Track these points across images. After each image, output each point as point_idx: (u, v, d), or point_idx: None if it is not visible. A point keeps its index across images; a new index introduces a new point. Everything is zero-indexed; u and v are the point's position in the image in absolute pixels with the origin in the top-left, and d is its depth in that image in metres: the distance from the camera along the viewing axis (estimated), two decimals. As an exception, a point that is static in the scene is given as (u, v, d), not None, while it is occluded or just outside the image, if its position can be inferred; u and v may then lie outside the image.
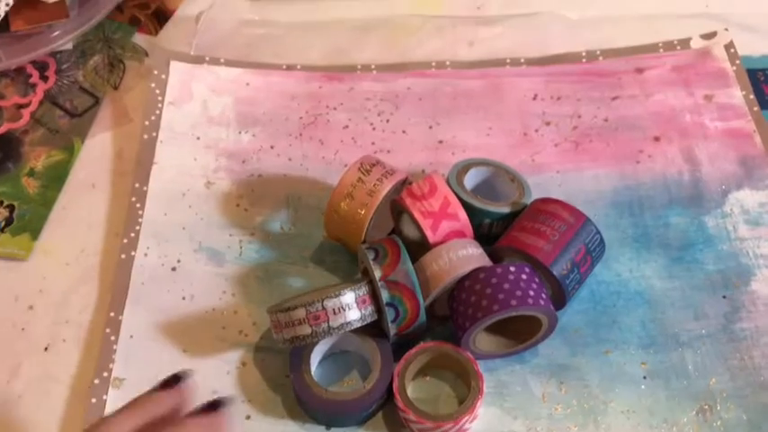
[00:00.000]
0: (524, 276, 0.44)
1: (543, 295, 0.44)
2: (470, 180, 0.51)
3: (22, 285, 0.51)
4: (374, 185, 0.48)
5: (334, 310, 0.43)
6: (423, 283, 0.45)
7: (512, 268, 0.44)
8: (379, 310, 0.44)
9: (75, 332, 0.49)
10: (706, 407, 0.45)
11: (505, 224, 0.49)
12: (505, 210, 0.48)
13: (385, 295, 0.44)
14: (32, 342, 0.49)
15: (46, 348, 0.48)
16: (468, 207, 0.47)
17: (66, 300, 0.50)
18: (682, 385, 0.45)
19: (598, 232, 0.47)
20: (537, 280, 0.44)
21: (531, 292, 0.43)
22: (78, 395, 0.46)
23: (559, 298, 0.46)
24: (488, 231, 0.49)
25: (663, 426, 0.44)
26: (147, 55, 0.62)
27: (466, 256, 0.45)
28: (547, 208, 0.47)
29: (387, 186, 0.48)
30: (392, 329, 0.44)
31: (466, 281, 0.44)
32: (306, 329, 0.43)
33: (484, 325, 0.43)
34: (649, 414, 0.45)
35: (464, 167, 0.50)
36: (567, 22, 0.63)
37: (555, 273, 0.45)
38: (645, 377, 0.46)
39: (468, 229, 0.47)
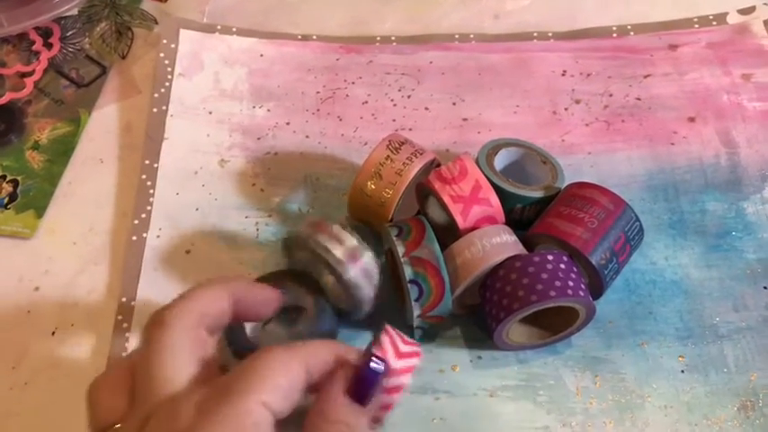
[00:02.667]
0: (563, 266, 0.42)
1: (582, 285, 0.42)
2: (500, 161, 0.48)
3: (27, 265, 0.49)
4: (403, 164, 0.45)
5: (331, 233, 0.42)
6: (453, 272, 0.43)
7: (549, 257, 0.42)
8: (400, 288, 0.42)
9: (84, 316, 0.46)
10: (748, 403, 0.43)
11: (538, 209, 0.46)
12: (539, 194, 0.46)
13: (408, 272, 0.41)
14: (39, 326, 0.46)
15: (53, 333, 0.46)
16: (499, 191, 0.45)
17: (73, 281, 0.48)
18: (722, 380, 0.44)
19: (638, 220, 0.44)
20: (575, 269, 0.42)
21: (571, 282, 0.41)
22: (87, 382, 0.43)
23: (596, 288, 0.44)
24: (520, 216, 0.47)
25: (703, 422, 0.42)
26: (156, 23, 0.59)
27: (500, 243, 0.43)
28: (584, 193, 0.45)
29: (416, 166, 0.45)
30: (416, 309, 0.42)
31: (500, 270, 0.42)
32: (304, 230, 0.42)
33: (520, 316, 0.41)
34: (688, 410, 0.43)
35: (494, 148, 0.48)
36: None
37: (593, 262, 0.42)
38: (683, 371, 0.44)
39: (500, 215, 0.45)
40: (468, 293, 0.44)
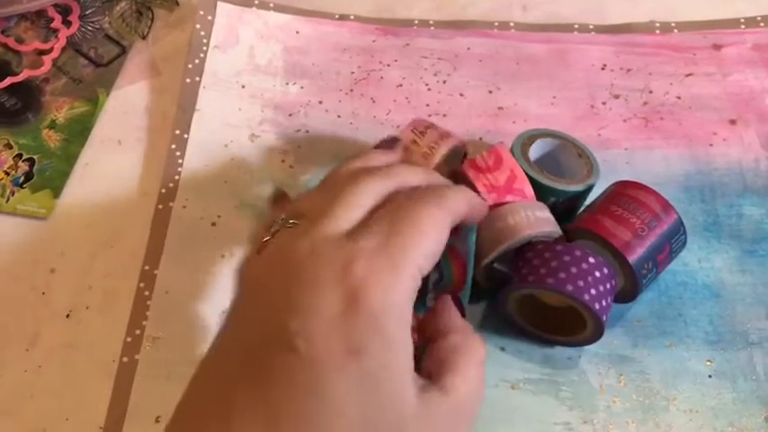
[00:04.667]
0: (597, 274, 0.40)
1: (604, 302, 0.40)
2: (535, 152, 0.47)
3: (43, 246, 0.48)
4: (429, 148, 0.44)
5: None
6: (490, 236, 0.42)
7: (591, 259, 0.40)
8: None
9: (99, 299, 0.46)
10: (776, 413, 0.42)
11: (570, 204, 0.45)
12: (574, 189, 0.45)
13: None
14: (53, 308, 0.45)
15: (68, 315, 0.45)
16: (533, 183, 0.44)
17: (89, 264, 0.47)
18: (749, 387, 0.43)
19: (684, 232, 0.43)
20: (608, 286, 0.41)
21: (593, 291, 0.40)
22: (102, 365, 0.43)
23: (630, 293, 0.43)
24: (551, 209, 0.46)
25: (728, 429, 0.41)
26: (177, 4, 0.58)
27: (543, 218, 0.42)
28: (637, 195, 0.43)
29: (443, 149, 0.44)
30: (431, 293, 0.40)
31: (539, 244, 0.41)
32: None
33: (528, 291, 0.41)
34: (714, 416, 0.42)
35: (530, 138, 0.47)
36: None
37: (635, 271, 0.41)
38: (710, 375, 0.43)
39: None
40: (500, 261, 0.43)
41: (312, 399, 0.29)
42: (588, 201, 0.46)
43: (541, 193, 0.44)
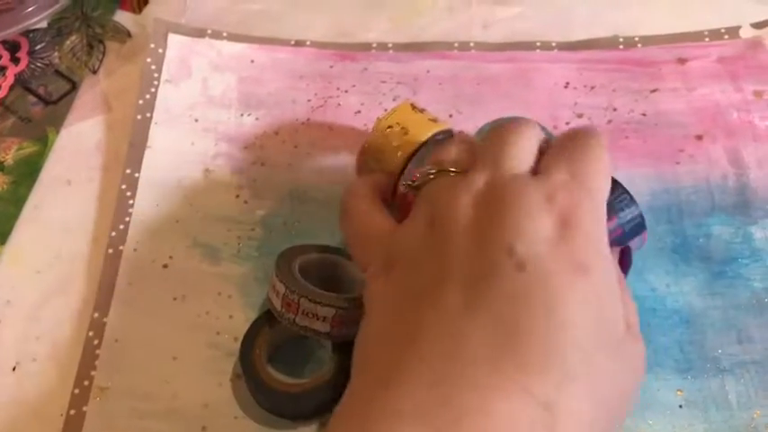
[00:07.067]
0: None
1: None
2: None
3: None
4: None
5: (305, 311, 0.39)
6: None
7: None
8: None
9: (48, 350, 0.44)
10: (749, 444, 0.40)
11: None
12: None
13: None
14: (-2, 361, 0.44)
15: (14, 369, 0.43)
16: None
17: (37, 313, 0.45)
18: (722, 417, 0.41)
19: (626, 192, 0.40)
20: None
21: None
22: (49, 420, 0.41)
23: None
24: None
25: (700, 463, 0.40)
26: (129, 36, 0.57)
27: None
28: None
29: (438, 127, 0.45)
30: None
31: None
32: (277, 304, 0.40)
33: None
34: (686, 448, 0.40)
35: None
36: (594, 3, 0.57)
37: None
38: (681, 406, 0.42)
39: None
40: None
41: (546, 316, 0.30)
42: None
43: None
